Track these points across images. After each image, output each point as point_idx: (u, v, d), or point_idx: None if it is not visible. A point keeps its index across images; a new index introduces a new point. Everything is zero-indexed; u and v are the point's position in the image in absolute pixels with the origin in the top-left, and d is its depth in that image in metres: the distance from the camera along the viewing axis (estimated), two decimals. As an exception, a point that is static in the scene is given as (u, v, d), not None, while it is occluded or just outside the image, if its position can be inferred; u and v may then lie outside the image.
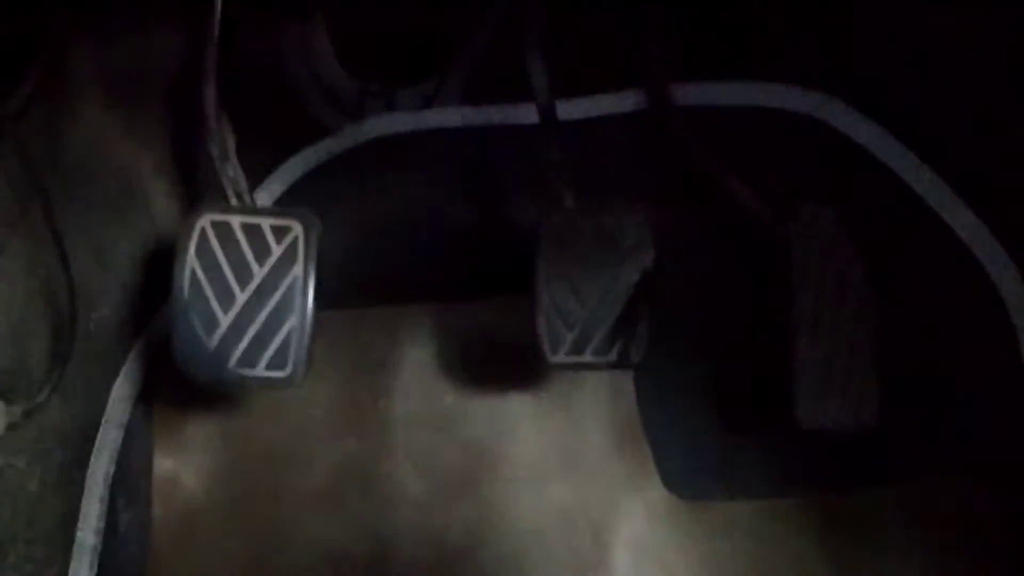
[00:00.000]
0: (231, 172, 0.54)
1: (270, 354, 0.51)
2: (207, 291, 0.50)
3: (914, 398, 0.56)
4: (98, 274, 0.56)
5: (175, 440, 0.59)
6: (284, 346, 0.51)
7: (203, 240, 0.51)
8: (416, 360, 0.61)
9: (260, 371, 0.51)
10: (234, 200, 0.53)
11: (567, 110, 0.61)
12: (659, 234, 0.54)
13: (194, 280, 0.50)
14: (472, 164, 0.63)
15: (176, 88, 0.59)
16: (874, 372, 0.53)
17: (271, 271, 0.51)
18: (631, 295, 0.53)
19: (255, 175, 0.59)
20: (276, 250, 0.51)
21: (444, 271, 0.62)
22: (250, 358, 0.51)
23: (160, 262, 0.57)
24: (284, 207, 0.57)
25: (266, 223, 0.51)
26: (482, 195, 0.62)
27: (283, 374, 0.51)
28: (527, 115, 0.61)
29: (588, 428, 0.59)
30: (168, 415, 0.60)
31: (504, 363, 0.60)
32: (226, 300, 0.51)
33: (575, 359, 0.53)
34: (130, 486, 0.57)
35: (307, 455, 0.60)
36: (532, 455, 0.59)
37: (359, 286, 0.61)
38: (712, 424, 0.59)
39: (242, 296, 0.51)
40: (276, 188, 0.61)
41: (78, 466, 0.54)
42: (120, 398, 0.57)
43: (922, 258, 0.57)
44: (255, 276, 0.51)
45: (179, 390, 0.58)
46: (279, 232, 0.51)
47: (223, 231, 0.51)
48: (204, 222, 0.51)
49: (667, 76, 0.60)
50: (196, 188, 0.60)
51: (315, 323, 0.51)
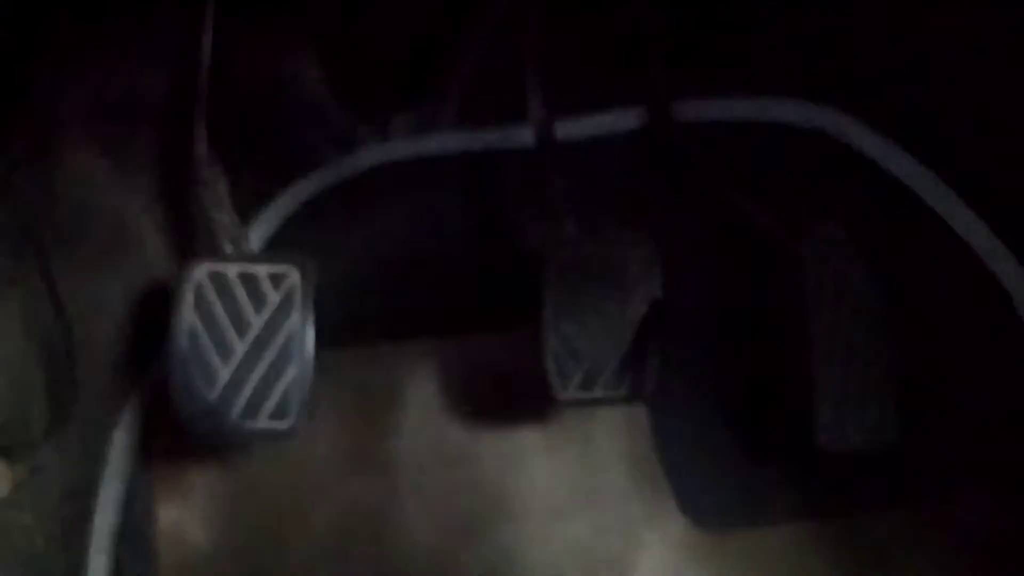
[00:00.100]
0: (225, 219, 0.53)
1: (271, 405, 0.50)
2: (205, 344, 0.49)
3: (930, 413, 0.55)
4: (94, 323, 0.55)
5: (177, 489, 0.58)
6: (285, 397, 0.50)
7: (199, 292, 0.50)
8: (421, 397, 0.60)
9: (262, 423, 0.50)
10: (228, 248, 0.52)
11: (566, 130, 0.60)
12: (667, 259, 0.53)
13: (191, 333, 0.49)
14: (470, 190, 0.61)
15: (166, 131, 0.58)
16: (893, 391, 0.52)
17: (269, 320, 0.50)
18: (640, 327, 0.52)
19: (248, 208, 0.59)
20: (273, 298, 0.50)
21: (445, 302, 0.61)
22: (251, 411, 0.50)
23: (155, 307, 0.56)
24: (279, 252, 0.57)
25: (262, 271, 0.50)
26: (482, 223, 0.61)
27: (285, 425, 0.50)
28: (525, 137, 0.60)
29: (603, 462, 0.58)
30: (168, 464, 0.58)
31: (513, 397, 0.59)
32: (225, 352, 0.50)
33: (585, 395, 0.53)
34: (134, 538, 0.56)
35: (312, 500, 0.58)
36: (546, 492, 0.58)
37: (358, 321, 0.59)
38: (730, 452, 0.57)
39: (241, 347, 0.50)
40: (270, 223, 0.60)
41: (82, 520, 0.53)
42: (120, 449, 0.56)
43: (932, 268, 0.56)
44: (253, 326, 0.50)
45: (178, 438, 0.55)
46: (276, 280, 0.50)
47: (219, 281, 0.50)
48: (199, 273, 0.50)
49: (669, 93, 0.59)
50: (189, 231, 0.59)
51: (315, 369, 0.50)
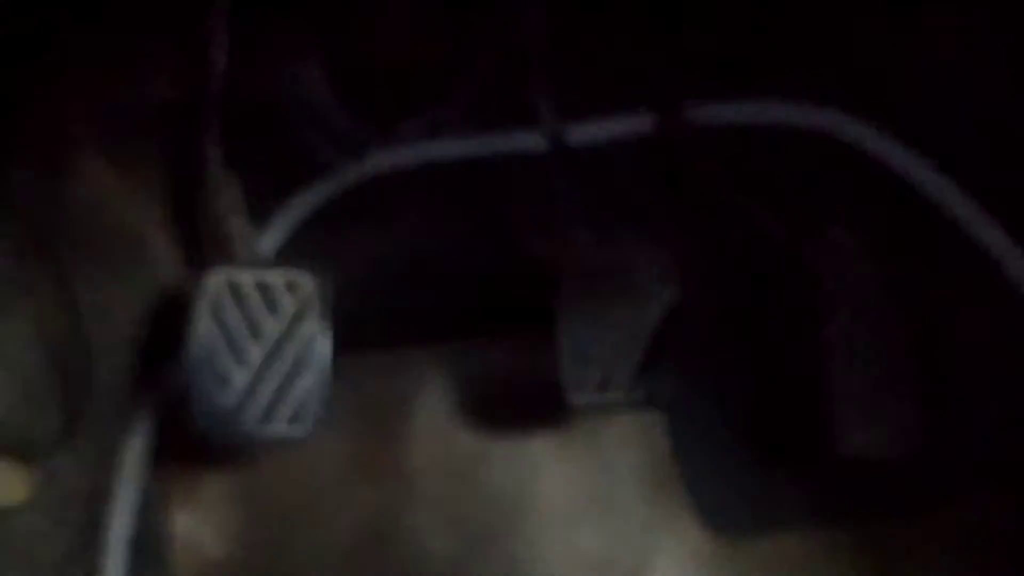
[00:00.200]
0: (239, 225, 0.53)
1: (288, 412, 0.50)
2: (222, 351, 0.49)
3: (950, 419, 0.54)
4: (106, 329, 0.55)
5: (191, 496, 0.58)
6: (302, 404, 0.50)
7: (216, 300, 0.50)
8: (431, 405, 0.59)
9: (278, 430, 0.50)
10: (243, 254, 0.52)
11: (576, 135, 0.59)
12: (681, 265, 0.53)
13: (208, 341, 0.49)
14: (479, 196, 0.61)
15: (176, 137, 0.58)
16: (912, 396, 0.52)
17: (285, 328, 0.50)
18: (655, 333, 0.52)
19: (256, 217, 0.58)
20: (289, 306, 0.50)
21: (456, 309, 0.60)
22: (267, 417, 0.50)
23: (167, 313, 0.56)
24: (294, 259, 0.56)
25: (278, 279, 0.50)
26: (491, 228, 0.61)
27: (301, 432, 0.50)
28: (535, 143, 0.59)
29: (617, 469, 0.58)
30: (182, 471, 0.58)
31: (524, 404, 0.58)
32: (241, 359, 0.50)
33: (600, 400, 0.52)
34: (148, 544, 0.56)
35: (324, 508, 0.58)
36: (560, 501, 0.57)
37: (367, 329, 0.59)
38: (746, 459, 0.57)
39: (257, 355, 0.50)
40: (280, 229, 0.60)
41: (97, 526, 0.54)
42: (134, 455, 0.56)
43: (945, 273, 0.56)
44: (269, 334, 0.50)
45: (192, 445, 0.56)
46: (292, 287, 0.50)
47: (235, 289, 0.50)
48: (216, 281, 0.50)
49: (678, 97, 0.59)
50: (200, 237, 0.58)
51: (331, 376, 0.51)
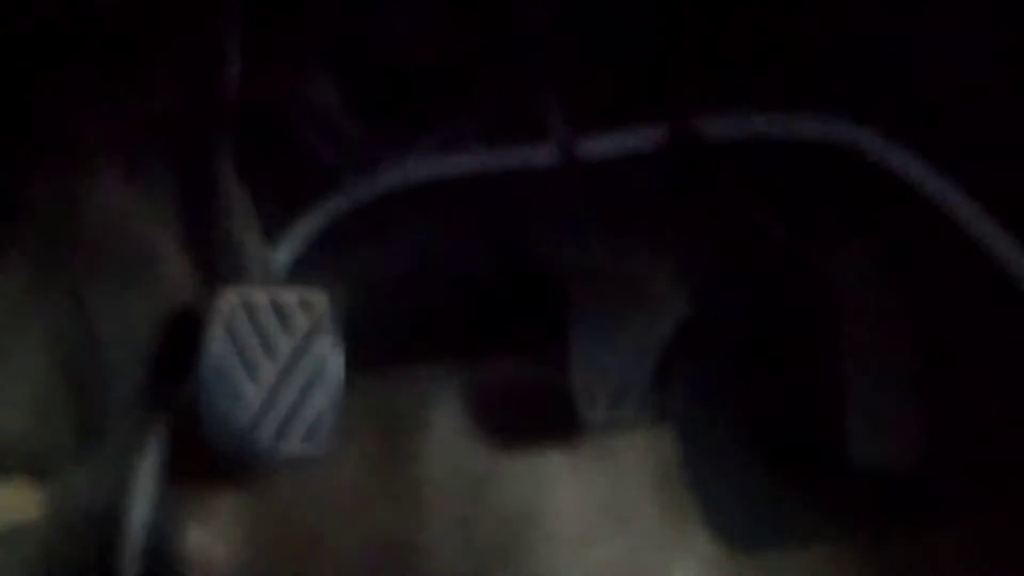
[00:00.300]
0: (253, 243, 0.53)
1: (301, 430, 0.50)
2: (236, 370, 0.50)
3: (961, 432, 0.54)
4: (120, 347, 0.55)
5: (204, 513, 0.58)
6: (315, 421, 0.50)
7: (230, 319, 0.50)
8: (444, 420, 0.59)
9: (292, 448, 0.50)
10: (256, 272, 0.53)
11: (589, 149, 0.60)
12: (693, 279, 0.53)
13: (222, 360, 0.50)
14: (492, 211, 0.61)
15: (189, 154, 0.59)
16: (922, 407, 0.52)
17: (298, 347, 0.51)
18: (667, 347, 0.52)
19: (268, 232, 0.59)
20: (303, 325, 0.51)
21: (468, 324, 0.61)
22: (281, 435, 0.50)
23: (181, 331, 0.56)
24: (308, 278, 0.57)
25: (292, 298, 0.51)
26: (504, 243, 0.61)
27: (314, 449, 0.51)
28: (547, 157, 0.60)
29: (630, 483, 0.58)
30: (195, 488, 0.58)
31: (538, 419, 0.58)
32: (255, 378, 0.50)
33: (613, 416, 0.53)
34: (162, 561, 0.56)
35: (337, 524, 0.58)
36: (574, 516, 0.57)
37: (380, 344, 0.59)
38: (758, 471, 0.57)
39: (271, 373, 0.50)
40: (293, 245, 0.60)
41: (111, 542, 0.54)
42: (148, 472, 0.57)
43: (960, 285, 0.56)
44: (283, 353, 0.50)
45: (206, 462, 0.56)
46: (305, 306, 0.51)
47: (249, 309, 0.51)
48: (230, 301, 0.51)
49: (691, 111, 0.59)
50: (214, 254, 0.59)
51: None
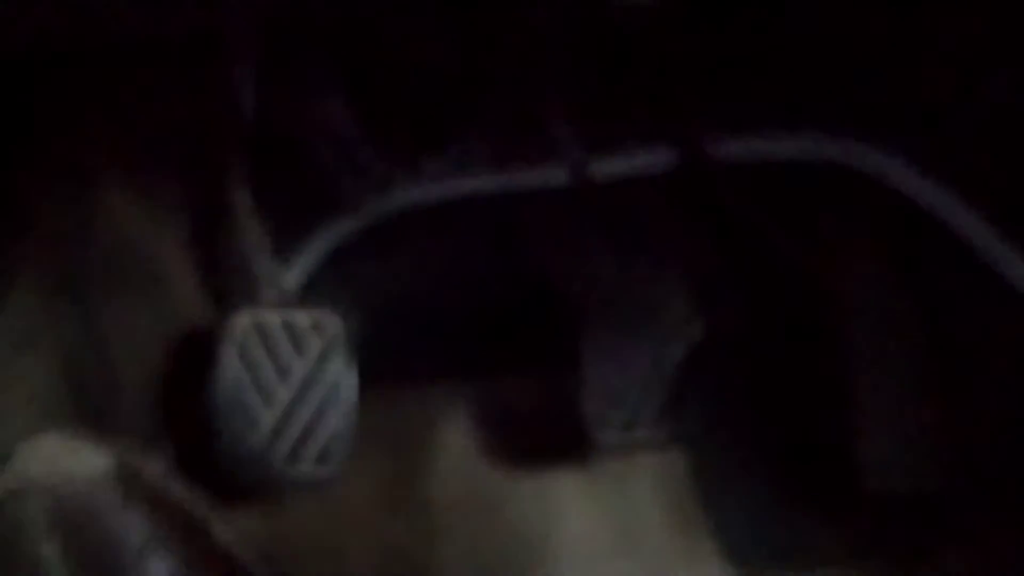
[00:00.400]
0: (265, 263, 0.53)
1: (316, 452, 0.50)
2: (248, 392, 0.50)
3: (979, 455, 0.54)
4: (130, 367, 0.55)
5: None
6: (329, 443, 0.50)
7: (242, 341, 0.50)
8: (454, 440, 0.59)
9: (305, 470, 0.50)
10: (269, 293, 0.53)
11: (600, 170, 0.60)
12: (705, 299, 0.53)
13: (235, 382, 0.50)
14: (503, 231, 0.61)
15: (201, 173, 0.59)
16: (939, 427, 0.52)
17: (312, 369, 0.50)
18: (680, 369, 0.52)
19: (279, 252, 0.58)
20: (316, 346, 0.51)
21: (479, 344, 0.60)
22: (294, 457, 0.50)
23: (190, 351, 0.56)
24: (321, 298, 0.57)
25: (305, 319, 0.51)
26: (516, 263, 0.61)
27: (328, 471, 0.51)
28: (559, 177, 0.60)
29: (643, 507, 0.57)
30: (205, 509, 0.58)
31: (549, 441, 0.58)
32: (268, 400, 0.50)
33: (625, 437, 0.53)
34: None
35: (346, 543, 0.57)
36: (583, 536, 0.57)
37: (391, 364, 0.59)
38: (771, 493, 0.57)
39: (284, 395, 0.50)
40: (304, 265, 0.60)
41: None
42: None
43: (971, 303, 0.56)
44: (297, 374, 0.50)
45: (213, 482, 0.55)
46: (318, 328, 0.51)
47: (262, 330, 0.50)
48: (242, 322, 0.50)
49: (702, 131, 0.59)
50: (225, 275, 0.58)
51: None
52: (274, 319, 0.51)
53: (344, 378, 0.51)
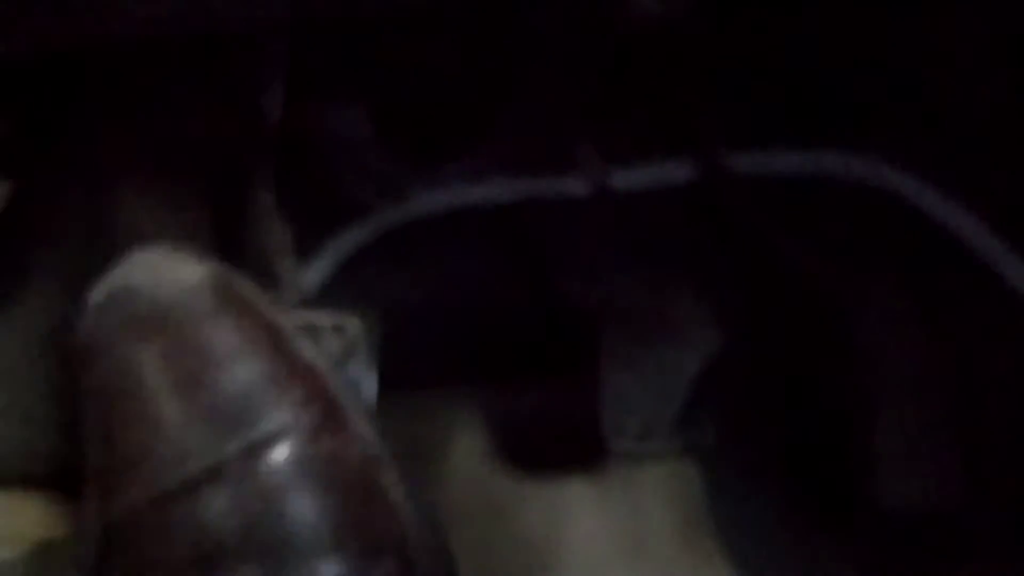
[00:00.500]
0: (286, 268, 0.53)
1: None
2: None
3: (997, 473, 0.54)
4: None
5: None
6: None
7: None
8: (466, 446, 0.59)
9: None
10: (290, 297, 0.52)
11: (619, 181, 0.60)
12: (724, 313, 0.53)
13: None
14: (521, 240, 0.62)
15: (222, 176, 0.59)
16: (953, 447, 0.52)
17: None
18: (698, 381, 0.52)
19: (299, 256, 0.58)
20: (336, 348, 0.50)
21: (493, 351, 0.61)
22: None
23: None
24: (340, 301, 0.57)
25: (325, 321, 0.51)
26: (532, 272, 0.61)
27: None
28: (577, 187, 0.60)
29: (653, 517, 0.57)
30: None
31: (561, 448, 0.58)
32: None
33: (640, 446, 0.53)
34: None
35: None
36: (594, 547, 0.57)
37: (406, 369, 0.59)
38: (783, 508, 0.57)
39: None
40: (320, 271, 0.60)
41: None
42: None
43: (998, 337, 0.55)
44: None
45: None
46: (338, 330, 0.51)
47: None
48: None
49: (720, 145, 0.60)
50: (243, 273, 0.59)
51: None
52: (295, 320, 0.51)
53: (364, 379, 0.50)
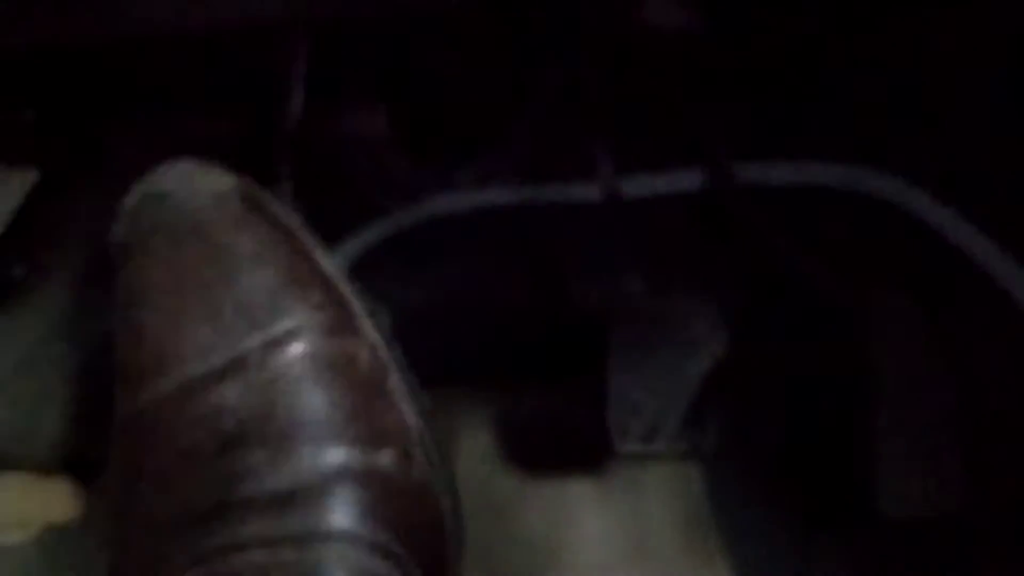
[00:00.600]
0: None
1: None
2: None
3: (997, 480, 0.54)
4: None
5: None
6: None
7: None
8: (471, 445, 0.60)
9: None
10: None
11: (630, 188, 0.60)
12: (730, 319, 0.53)
13: None
14: (532, 243, 0.62)
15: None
16: (954, 453, 0.52)
17: None
18: (702, 384, 0.52)
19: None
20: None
21: (500, 352, 0.61)
22: None
23: None
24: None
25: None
26: (541, 276, 0.62)
27: None
28: (588, 193, 0.60)
29: (655, 518, 0.58)
30: None
31: (565, 449, 0.59)
32: None
33: (644, 448, 0.53)
34: None
35: None
36: (596, 546, 0.57)
37: (413, 369, 0.60)
38: (785, 513, 0.57)
39: None
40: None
41: None
42: None
43: (997, 341, 0.56)
44: None
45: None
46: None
47: None
48: None
49: (728, 155, 0.60)
50: None
51: None
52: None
53: None
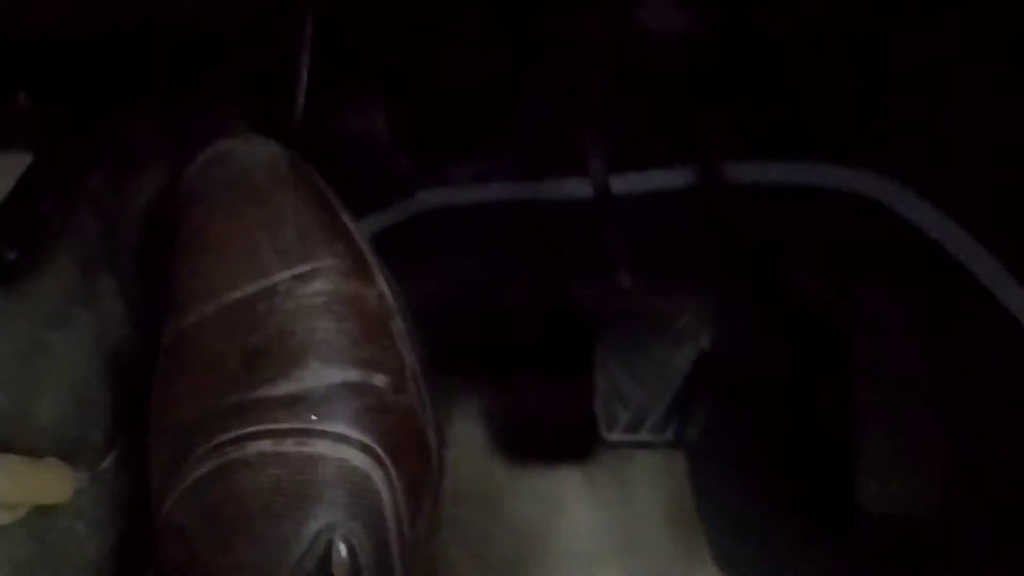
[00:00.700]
0: None
1: None
2: None
3: (976, 479, 0.54)
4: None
5: None
6: None
7: None
8: (462, 435, 0.60)
9: None
10: None
11: (623, 185, 0.61)
12: (717, 312, 0.54)
13: None
14: (525, 240, 0.63)
15: None
16: (939, 451, 0.52)
17: None
18: (688, 376, 0.53)
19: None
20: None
21: (494, 345, 0.62)
22: None
23: None
24: None
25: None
26: (535, 271, 0.63)
27: None
28: (582, 190, 0.61)
29: (643, 508, 0.58)
30: None
31: (555, 440, 0.59)
32: None
33: (630, 437, 0.53)
34: None
35: None
36: (584, 536, 0.58)
37: None
38: (769, 507, 0.57)
39: None
40: None
41: (134, 535, 0.54)
42: None
43: (978, 332, 0.56)
44: None
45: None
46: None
47: None
48: None
49: (719, 154, 0.61)
50: None
51: None
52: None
53: None
